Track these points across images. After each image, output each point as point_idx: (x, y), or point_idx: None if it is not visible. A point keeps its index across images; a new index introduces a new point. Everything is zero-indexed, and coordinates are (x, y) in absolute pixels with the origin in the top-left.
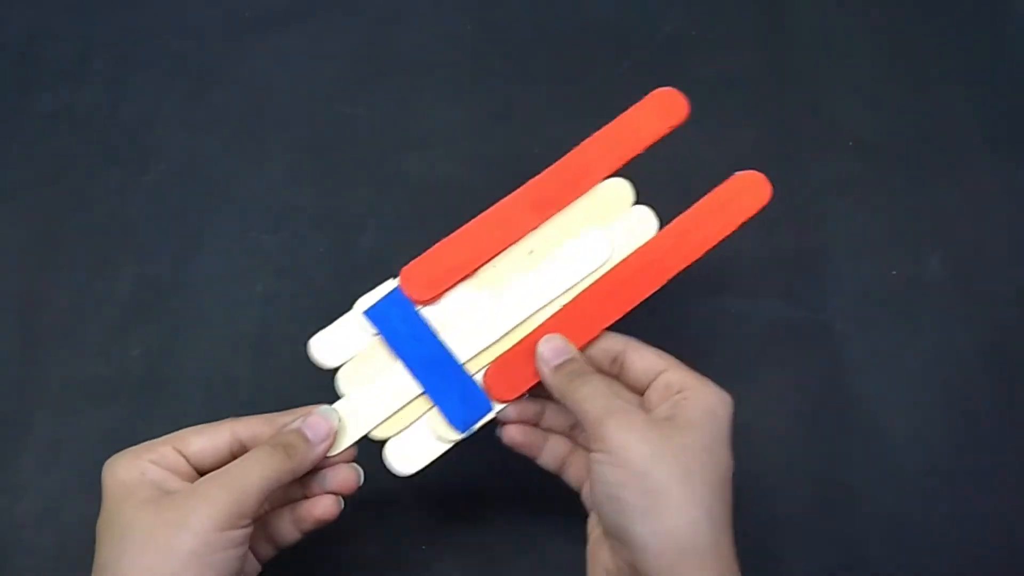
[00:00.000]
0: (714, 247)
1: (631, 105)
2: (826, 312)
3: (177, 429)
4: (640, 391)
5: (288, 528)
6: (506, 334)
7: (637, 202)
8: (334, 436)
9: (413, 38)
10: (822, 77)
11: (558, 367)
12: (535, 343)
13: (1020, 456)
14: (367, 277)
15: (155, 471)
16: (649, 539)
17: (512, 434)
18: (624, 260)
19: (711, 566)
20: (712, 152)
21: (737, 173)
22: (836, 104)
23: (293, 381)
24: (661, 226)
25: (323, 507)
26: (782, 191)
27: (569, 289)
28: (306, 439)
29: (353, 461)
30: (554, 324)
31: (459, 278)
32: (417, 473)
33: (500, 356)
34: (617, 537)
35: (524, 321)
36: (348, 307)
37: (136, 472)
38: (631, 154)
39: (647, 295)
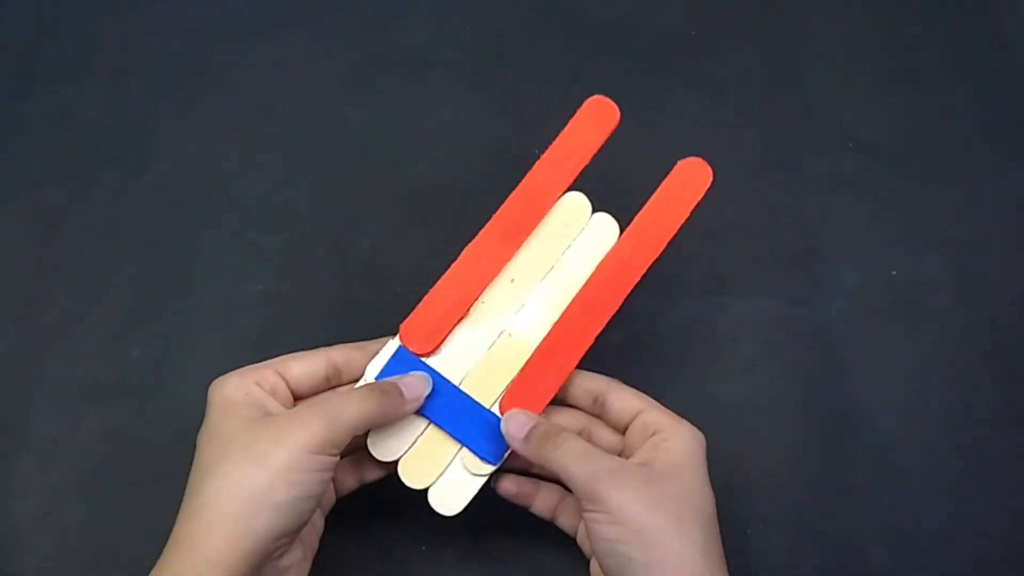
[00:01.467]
0: (672, 239)
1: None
2: (826, 312)
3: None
4: (621, 430)
5: (372, 468)
6: (511, 363)
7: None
8: (423, 400)
9: (413, 37)
10: (822, 77)
11: (526, 438)
12: (539, 364)
13: (1020, 456)
14: (367, 277)
15: (258, 392)
16: None
17: (506, 486)
18: (596, 271)
19: None
20: (713, 152)
21: (679, 162)
22: (836, 104)
23: None
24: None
25: None
26: (782, 191)
27: (556, 301)
28: (401, 394)
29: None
30: (542, 351)
31: (454, 323)
32: (462, 512)
33: (509, 386)
34: None
35: (525, 346)
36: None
37: (242, 392)
38: (579, 167)
39: (620, 302)
